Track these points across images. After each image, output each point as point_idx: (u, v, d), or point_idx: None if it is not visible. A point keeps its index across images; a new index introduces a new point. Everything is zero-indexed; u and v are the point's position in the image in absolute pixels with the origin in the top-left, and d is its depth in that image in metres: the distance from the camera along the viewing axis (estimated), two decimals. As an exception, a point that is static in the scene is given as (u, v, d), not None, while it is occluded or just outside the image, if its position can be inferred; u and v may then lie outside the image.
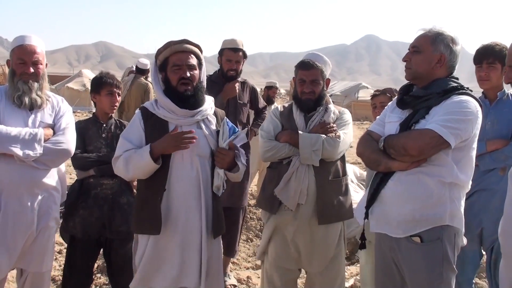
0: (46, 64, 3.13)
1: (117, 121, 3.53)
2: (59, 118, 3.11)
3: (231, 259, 4.70)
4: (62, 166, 3.25)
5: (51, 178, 3.05)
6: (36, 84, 3.00)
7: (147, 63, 7.45)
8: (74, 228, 3.30)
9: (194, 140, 2.57)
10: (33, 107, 3.00)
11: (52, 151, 2.96)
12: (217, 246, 2.86)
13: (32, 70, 2.98)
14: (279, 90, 15.42)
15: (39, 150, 2.89)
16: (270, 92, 8.07)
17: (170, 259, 2.68)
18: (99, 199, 3.30)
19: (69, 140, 3.07)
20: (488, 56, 3.14)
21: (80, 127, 3.39)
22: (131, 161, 2.66)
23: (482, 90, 3.28)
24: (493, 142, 3.07)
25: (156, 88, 2.80)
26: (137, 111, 2.84)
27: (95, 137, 3.37)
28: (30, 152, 2.86)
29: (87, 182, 3.33)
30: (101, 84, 3.44)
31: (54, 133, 3.05)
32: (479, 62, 3.20)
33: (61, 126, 3.08)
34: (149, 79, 7.63)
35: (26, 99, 2.95)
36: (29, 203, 2.94)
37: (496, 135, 3.09)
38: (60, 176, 3.19)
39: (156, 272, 2.71)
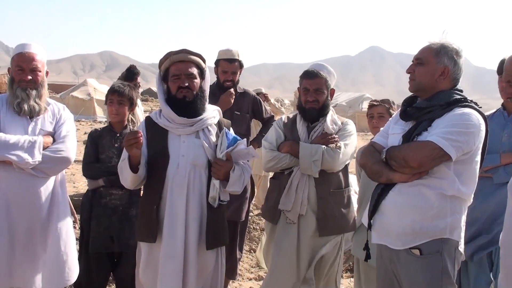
0: (47, 73, 3.12)
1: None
2: (60, 126, 3.10)
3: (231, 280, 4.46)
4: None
5: (50, 187, 3.03)
6: (34, 92, 2.99)
7: None
8: (86, 242, 3.33)
9: (140, 138, 2.53)
10: (32, 114, 2.99)
11: (51, 159, 2.95)
12: (211, 258, 2.82)
13: (30, 77, 2.97)
14: (283, 101, 15.44)
15: (38, 157, 2.88)
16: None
17: (158, 269, 2.68)
18: (108, 209, 3.32)
19: (69, 148, 3.05)
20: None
21: (95, 135, 3.42)
22: (122, 170, 2.71)
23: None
24: (508, 155, 2.97)
25: (160, 97, 2.84)
26: (143, 120, 2.89)
27: (108, 146, 3.38)
28: (29, 159, 2.84)
29: (98, 191, 3.36)
30: (107, 93, 3.47)
31: (54, 140, 3.04)
32: (500, 73, 3.10)
33: (61, 134, 3.07)
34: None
35: (25, 106, 2.95)
36: (27, 213, 2.92)
37: None
38: (61, 186, 3.17)
39: (151, 281, 2.73)
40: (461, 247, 2.47)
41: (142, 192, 2.93)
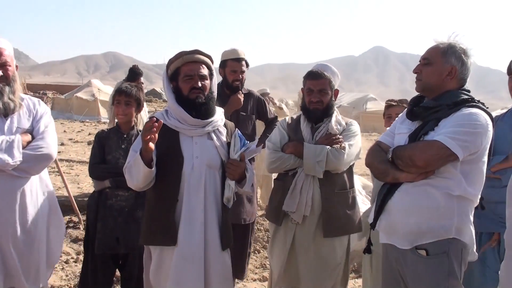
0: (17, 67, 3.01)
1: (140, 132, 3.53)
2: (37, 121, 3.00)
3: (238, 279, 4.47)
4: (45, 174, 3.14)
5: (34, 186, 2.96)
6: (7, 88, 2.89)
7: None
8: (92, 243, 3.32)
9: (154, 128, 2.44)
10: (7, 112, 2.89)
11: (32, 157, 2.85)
12: (225, 259, 2.82)
13: (0, 73, 2.85)
14: (287, 101, 15.44)
15: (18, 157, 2.78)
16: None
17: (174, 271, 2.64)
18: (114, 210, 3.30)
19: (50, 144, 2.96)
20: None
21: (102, 136, 3.41)
22: (132, 169, 2.64)
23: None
24: None
25: (168, 97, 2.79)
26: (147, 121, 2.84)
27: (115, 147, 3.37)
28: (9, 160, 2.74)
29: (104, 193, 3.35)
30: (114, 94, 3.48)
31: (33, 137, 2.94)
32: (510, 73, 3.07)
33: (39, 130, 2.97)
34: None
35: (0, 104, 2.85)
36: (10, 215, 2.84)
37: None
38: (46, 183, 3.11)
39: (164, 285, 2.68)
40: (469, 248, 2.45)
41: (148, 194, 2.85)
